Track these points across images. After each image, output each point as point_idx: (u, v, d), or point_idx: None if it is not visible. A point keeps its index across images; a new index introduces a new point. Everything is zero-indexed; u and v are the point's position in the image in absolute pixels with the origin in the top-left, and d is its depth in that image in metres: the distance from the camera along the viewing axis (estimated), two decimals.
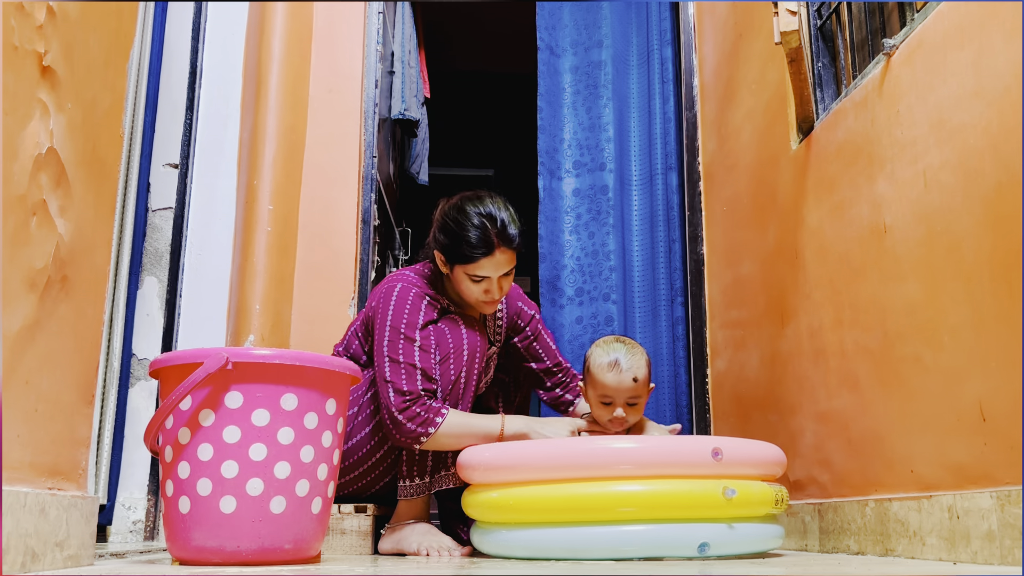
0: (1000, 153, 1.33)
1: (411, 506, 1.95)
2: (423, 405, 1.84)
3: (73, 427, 1.25)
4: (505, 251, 1.92)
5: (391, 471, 1.97)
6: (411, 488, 1.93)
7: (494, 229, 1.90)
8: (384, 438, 1.94)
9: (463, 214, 1.92)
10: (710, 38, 2.98)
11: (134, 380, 2.26)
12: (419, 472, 1.92)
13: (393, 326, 1.91)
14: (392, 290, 1.97)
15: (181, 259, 2.40)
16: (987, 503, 1.32)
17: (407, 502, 1.94)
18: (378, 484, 1.99)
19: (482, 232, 1.90)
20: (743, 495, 1.57)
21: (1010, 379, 1.29)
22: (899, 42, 1.66)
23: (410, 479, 1.93)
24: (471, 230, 1.90)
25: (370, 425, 1.95)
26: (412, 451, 1.91)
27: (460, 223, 1.92)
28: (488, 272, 1.92)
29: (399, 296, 1.95)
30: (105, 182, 1.35)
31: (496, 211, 1.93)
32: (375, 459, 1.96)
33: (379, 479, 1.98)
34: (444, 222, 1.96)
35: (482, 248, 1.90)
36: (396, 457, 1.96)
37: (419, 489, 1.93)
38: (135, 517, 2.18)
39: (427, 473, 1.92)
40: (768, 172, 2.36)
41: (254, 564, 1.39)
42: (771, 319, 2.30)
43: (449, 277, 2.00)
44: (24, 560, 1.07)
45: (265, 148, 2.71)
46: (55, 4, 1.18)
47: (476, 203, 1.94)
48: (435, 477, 1.94)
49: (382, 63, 3.21)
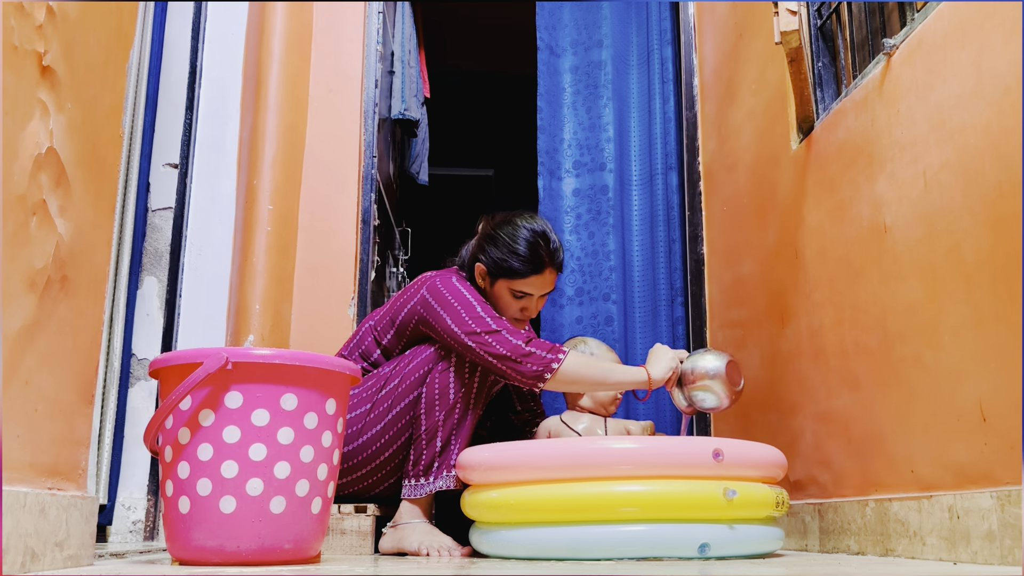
0: (1000, 153, 1.33)
1: (414, 506, 1.95)
2: (541, 342, 1.88)
3: (73, 427, 1.25)
4: (552, 272, 2.01)
5: (397, 472, 1.98)
6: (415, 488, 1.93)
7: (546, 248, 1.99)
8: (395, 437, 1.94)
9: (517, 230, 2.00)
10: (710, 38, 2.97)
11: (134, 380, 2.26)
12: (424, 471, 1.92)
13: (466, 304, 1.92)
14: (448, 278, 2.01)
15: (181, 259, 2.40)
16: (987, 503, 1.32)
17: (410, 502, 1.94)
18: (383, 484, 2.00)
19: (534, 249, 1.98)
20: (744, 496, 1.57)
21: (1010, 379, 1.29)
22: (899, 42, 1.66)
23: (415, 479, 1.93)
24: (524, 246, 1.98)
25: (381, 423, 1.95)
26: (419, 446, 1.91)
27: (514, 238, 1.99)
28: (533, 289, 2.00)
29: (459, 282, 1.99)
30: (105, 182, 1.35)
31: (548, 232, 2.02)
32: (383, 458, 1.96)
33: (385, 479, 1.99)
34: (495, 235, 2.02)
35: (532, 265, 1.98)
36: (404, 457, 1.96)
37: (423, 488, 1.92)
38: (135, 517, 2.18)
39: (432, 473, 1.93)
40: (768, 172, 2.36)
41: (254, 564, 1.39)
42: (771, 319, 2.30)
43: (486, 291, 2.05)
44: (24, 560, 1.07)
45: (265, 148, 2.71)
46: (55, 4, 1.18)
47: (529, 221, 2.03)
48: (439, 477, 1.94)
49: (382, 63, 3.21)
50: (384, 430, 1.95)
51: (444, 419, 1.91)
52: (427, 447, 1.92)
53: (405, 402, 1.95)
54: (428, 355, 1.96)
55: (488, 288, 2.05)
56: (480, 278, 2.05)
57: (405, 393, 1.95)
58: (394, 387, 1.97)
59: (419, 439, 1.93)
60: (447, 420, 1.92)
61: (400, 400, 1.95)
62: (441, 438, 1.91)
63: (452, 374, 1.93)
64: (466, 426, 1.93)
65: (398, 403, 1.95)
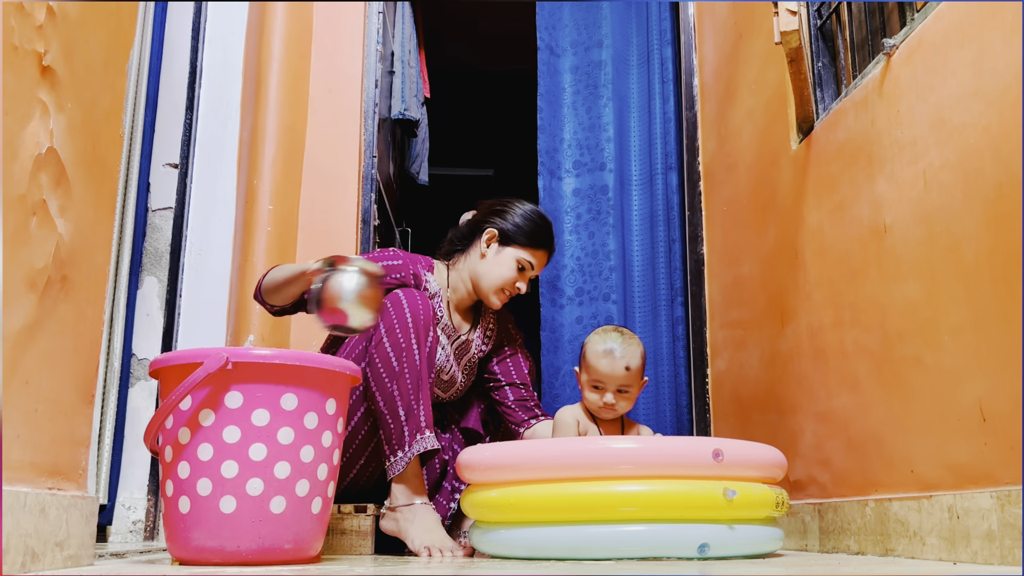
0: (1000, 153, 1.33)
1: (403, 486, 1.92)
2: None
3: (73, 427, 1.25)
4: (548, 255, 2.21)
5: (375, 459, 1.99)
6: (396, 464, 1.90)
7: (548, 231, 2.19)
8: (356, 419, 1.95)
9: (526, 206, 2.19)
10: (710, 38, 2.98)
11: (134, 380, 2.26)
12: (398, 444, 1.89)
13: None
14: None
15: (181, 259, 2.41)
16: (987, 503, 1.32)
17: (397, 481, 1.92)
18: (365, 475, 2.00)
19: (548, 230, 2.18)
20: (743, 496, 1.57)
21: (1010, 379, 1.29)
22: (899, 42, 1.66)
23: (392, 456, 1.90)
24: (538, 219, 2.17)
25: (361, 409, 1.96)
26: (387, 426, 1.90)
27: (527, 212, 2.18)
28: (537, 262, 2.16)
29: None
30: (105, 182, 1.35)
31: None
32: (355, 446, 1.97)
33: (365, 468, 1.99)
34: (506, 208, 2.18)
35: (546, 240, 2.17)
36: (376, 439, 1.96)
37: (402, 461, 1.90)
38: (135, 517, 2.18)
39: (404, 442, 1.89)
40: (768, 172, 2.36)
41: (254, 564, 1.39)
42: (771, 319, 2.30)
43: (483, 256, 2.15)
44: (24, 560, 1.07)
45: (265, 148, 2.71)
46: (55, 4, 1.18)
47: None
48: (414, 442, 1.90)
49: (382, 63, 3.21)
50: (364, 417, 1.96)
51: (398, 388, 1.89)
52: (392, 420, 1.89)
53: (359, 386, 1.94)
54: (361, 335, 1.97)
55: (491, 255, 2.14)
56: (486, 243, 2.15)
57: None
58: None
59: (381, 415, 1.90)
60: (401, 388, 1.89)
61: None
62: (402, 406, 1.89)
63: (386, 343, 1.91)
64: (422, 387, 1.91)
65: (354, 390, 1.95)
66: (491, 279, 2.13)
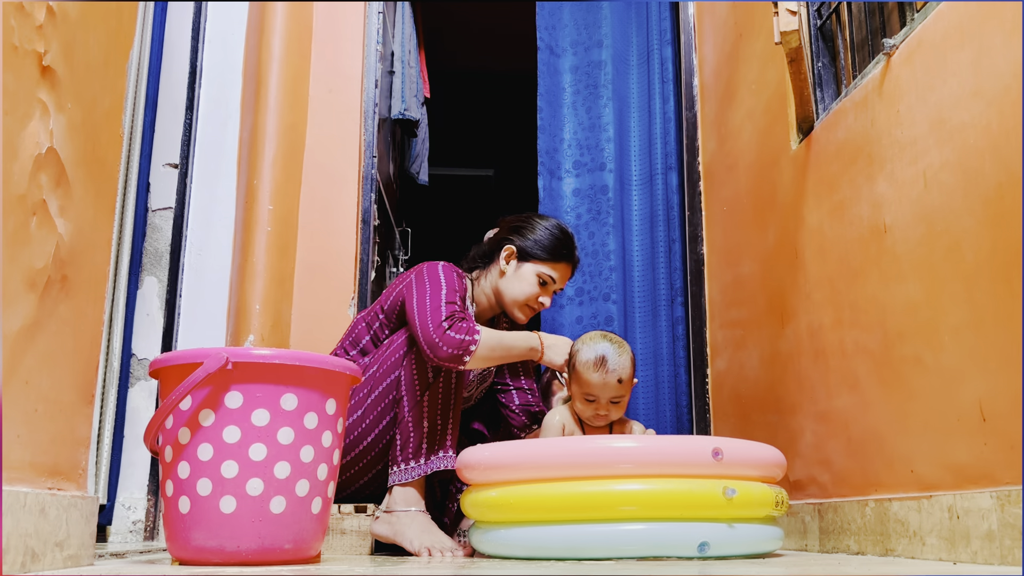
0: (1000, 153, 1.33)
1: (406, 491, 1.92)
2: (462, 321, 1.90)
3: (73, 427, 1.25)
4: (572, 267, 2.21)
5: (381, 460, 1.98)
6: (406, 471, 1.90)
7: (570, 245, 2.19)
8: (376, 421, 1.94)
9: (547, 221, 2.20)
10: (710, 38, 2.98)
11: (134, 380, 2.26)
12: (415, 454, 1.91)
13: (436, 288, 1.97)
14: (437, 264, 2.08)
15: (181, 259, 2.40)
16: (987, 503, 1.32)
17: (402, 487, 1.92)
18: (367, 474, 1.99)
19: (569, 243, 2.19)
20: (743, 495, 1.57)
21: (1010, 379, 1.29)
22: (899, 42, 1.66)
23: (405, 462, 1.91)
24: (559, 233, 2.17)
25: (361, 408, 1.96)
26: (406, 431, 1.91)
27: (547, 228, 2.18)
28: (558, 275, 2.16)
29: (445, 269, 2.05)
30: (105, 182, 1.35)
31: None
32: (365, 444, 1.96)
33: (368, 468, 1.98)
34: (526, 224, 2.19)
35: (564, 253, 2.17)
36: (387, 442, 1.95)
37: (415, 471, 1.91)
38: (135, 517, 2.18)
39: (422, 454, 1.91)
40: (768, 172, 2.36)
41: (254, 564, 1.39)
42: (771, 319, 2.30)
43: (503, 274, 2.15)
44: (24, 560, 1.07)
45: (265, 148, 2.71)
46: (55, 4, 1.18)
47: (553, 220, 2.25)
48: (434, 457, 1.91)
49: (382, 63, 3.21)
50: (364, 415, 1.95)
51: (428, 400, 1.91)
52: (414, 429, 1.90)
53: (384, 385, 1.95)
54: (405, 338, 1.97)
55: (510, 272, 2.14)
56: (506, 260, 2.15)
57: (383, 376, 1.95)
58: (372, 373, 1.97)
59: (404, 421, 1.91)
60: (431, 400, 1.91)
61: (379, 383, 1.95)
62: (428, 418, 1.90)
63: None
64: (452, 405, 1.93)
65: (377, 387, 1.95)
66: (513, 295, 2.14)
